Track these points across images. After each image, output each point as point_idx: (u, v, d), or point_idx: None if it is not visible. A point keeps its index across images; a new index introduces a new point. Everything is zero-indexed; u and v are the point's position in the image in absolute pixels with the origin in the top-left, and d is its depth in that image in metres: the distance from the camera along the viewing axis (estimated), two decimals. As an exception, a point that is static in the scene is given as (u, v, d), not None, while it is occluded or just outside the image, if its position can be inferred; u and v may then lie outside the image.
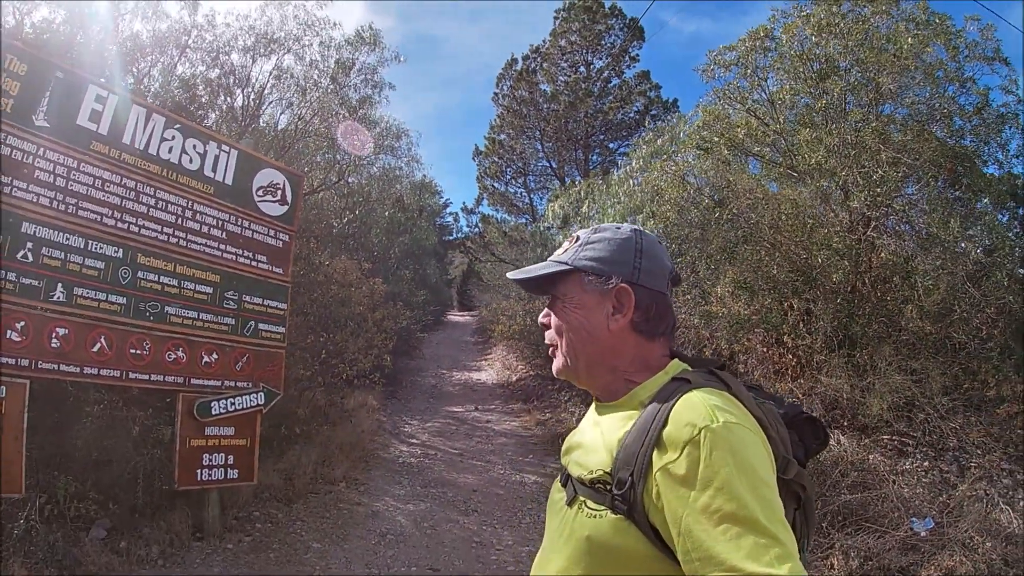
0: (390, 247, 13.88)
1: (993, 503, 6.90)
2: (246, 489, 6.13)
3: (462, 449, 9.98)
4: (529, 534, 6.92)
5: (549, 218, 13.91)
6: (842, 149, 8.24)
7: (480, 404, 13.17)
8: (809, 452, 1.33)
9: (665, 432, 1.09)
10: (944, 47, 8.18)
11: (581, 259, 1.30)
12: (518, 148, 18.86)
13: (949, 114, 8.66)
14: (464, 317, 29.90)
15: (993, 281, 8.46)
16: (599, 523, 1.13)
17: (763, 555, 0.94)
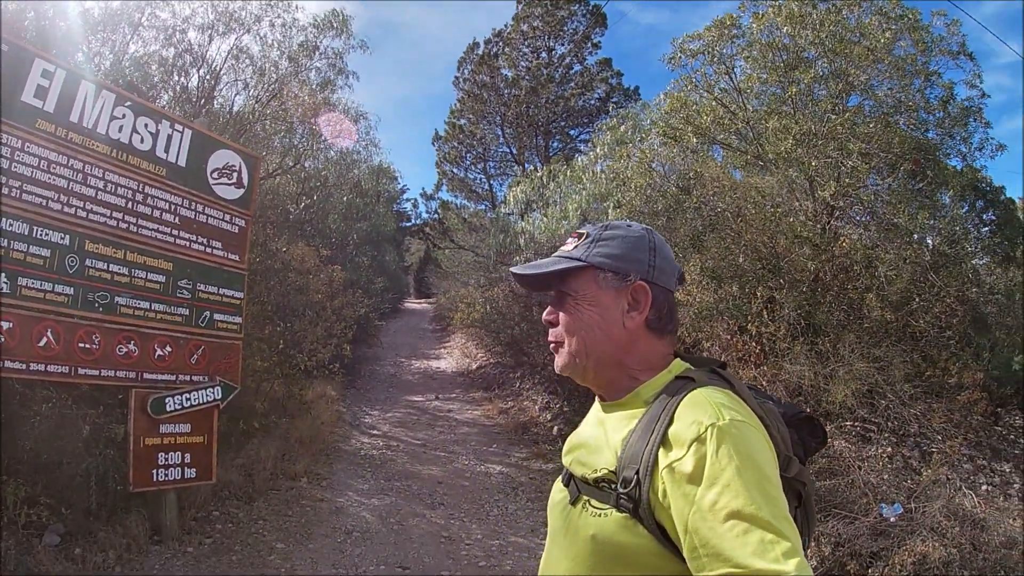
0: (348, 233, 13.53)
1: (956, 488, 7.03)
2: (204, 487, 5.82)
3: (425, 440, 9.78)
4: (498, 527, 6.80)
5: (511, 204, 13.72)
6: (810, 139, 8.25)
7: (441, 393, 12.97)
8: (808, 451, 1.33)
9: (671, 430, 1.09)
10: (913, 41, 8.23)
11: (596, 255, 1.28)
12: (478, 133, 18.57)
13: (915, 107, 8.77)
14: (421, 304, 29.54)
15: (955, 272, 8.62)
16: (604, 522, 1.13)
17: (769, 551, 0.95)
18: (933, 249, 8.69)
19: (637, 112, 13.04)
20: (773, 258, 8.49)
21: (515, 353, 13.99)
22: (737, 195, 8.81)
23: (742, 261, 8.52)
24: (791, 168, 8.34)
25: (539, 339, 12.72)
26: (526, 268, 1.36)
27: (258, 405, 7.18)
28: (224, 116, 8.86)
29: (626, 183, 9.36)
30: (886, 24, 8.12)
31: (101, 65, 7.74)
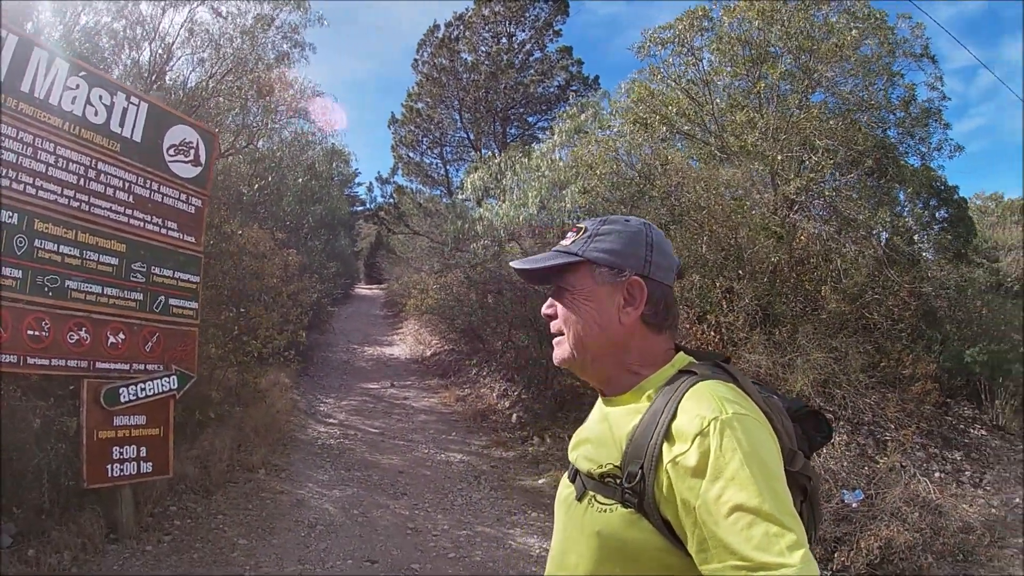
0: (303, 217, 13.15)
1: (911, 475, 7.19)
2: (160, 482, 5.53)
3: (382, 428, 9.59)
4: (464, 517, 6.68)
5: (468, 190, 13.49)
6: (775, 133, 8.30)
7: (396, 380, 12.75)
8: (813, 445, 1.33)
9: (674, 424, 1.09)
10: (879, 41, 8.34)
11: (592, 250, 1.28)
12: (436, 117, 18.18)
13: (877, 106, 8.94)
14: (372, 290, 29.13)
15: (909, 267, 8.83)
16: (609, 518, 1.14)
17: (774, 545, 0.95)
18: (888, 244, 8.85)
19: (598, 101, 12.98)
20: (735, 249, 8.53)
21: (471, 340, 13.86)
22: (700, 186, 8.81)
23: (705, 251, 8.53)
24: (756, 161, 8.37)
25: (495, 326, 12.63)
26: (525, 262, 1.36)
27: (213, 394, 6.88)
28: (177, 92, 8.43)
29: (592, 168, 9.24)
30: (853, 23, 8.24)
31: (51, 36, 7.28)
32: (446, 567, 5.46)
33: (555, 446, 9.24)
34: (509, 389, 11.52)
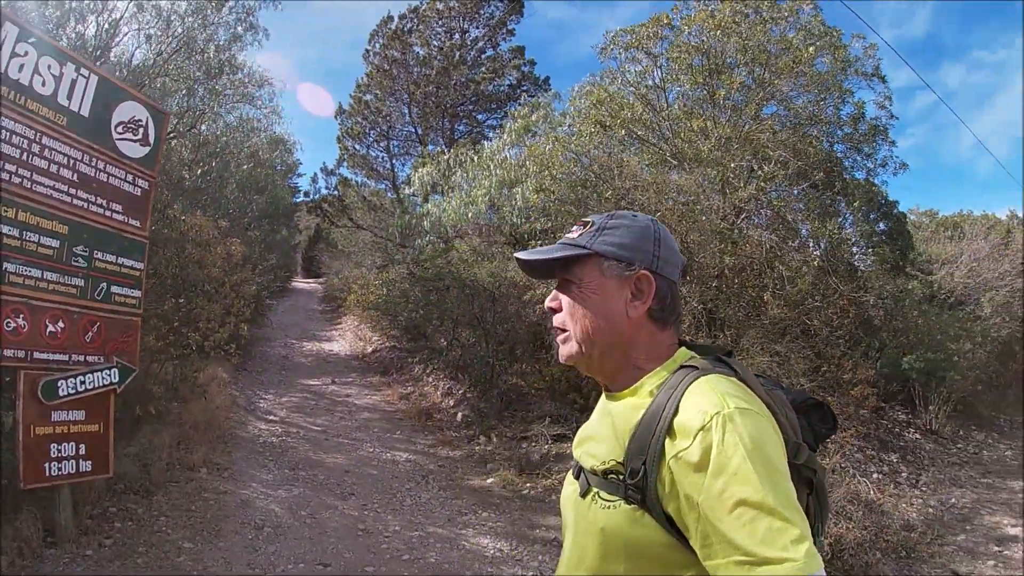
0: (247, 205, 12.65)
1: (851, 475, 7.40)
2: (99, 482, 5.19)
3: (325, 426, 9.30)
4: (415, 517, 6.52)
5: (416, 185, 13.29)
6: (728, 142, 8.40)
7: (337, 377, 12.39)
8: (818, 437, 1.34)
9: (676, 420, 1.10)
10: (833, 60, 8.53)
11: (600, 244, 1.29)
12: (384, 110, 17.74)
13: (828, 121, 9.20)
14: (310, 284, 28.47)
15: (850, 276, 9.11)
16: (613, 514, 1.14)
17: (778, 539, 0.96)
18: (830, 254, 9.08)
19: (549, 102, 12.95)
20: (686, 253, 8.59)
21: (413, 337, 13.64)
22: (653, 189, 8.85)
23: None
24: (709, 168, 8.45)
25: (440, 323, 12.44)
26: (530, 254, 1.35)
27: (154, 389, 6.52)
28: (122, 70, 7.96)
29: (549, 168, 9.17)
30: (810, 40, 8.39)
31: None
32: (401, 569, 5.30)
33: (502, 446, 9.16)
34: (454, 388, 11.37)
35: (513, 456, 8.72)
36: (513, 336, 11.36)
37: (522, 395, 10.91)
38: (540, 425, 9.62)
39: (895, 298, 10.02)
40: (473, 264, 11.74)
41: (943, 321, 10.81)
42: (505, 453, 8.90)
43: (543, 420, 9.76)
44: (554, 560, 5.95)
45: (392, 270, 15.22)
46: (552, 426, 9.50)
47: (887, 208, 11.18)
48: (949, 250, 14.26)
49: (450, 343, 11.94)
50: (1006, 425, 11.64)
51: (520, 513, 7.01)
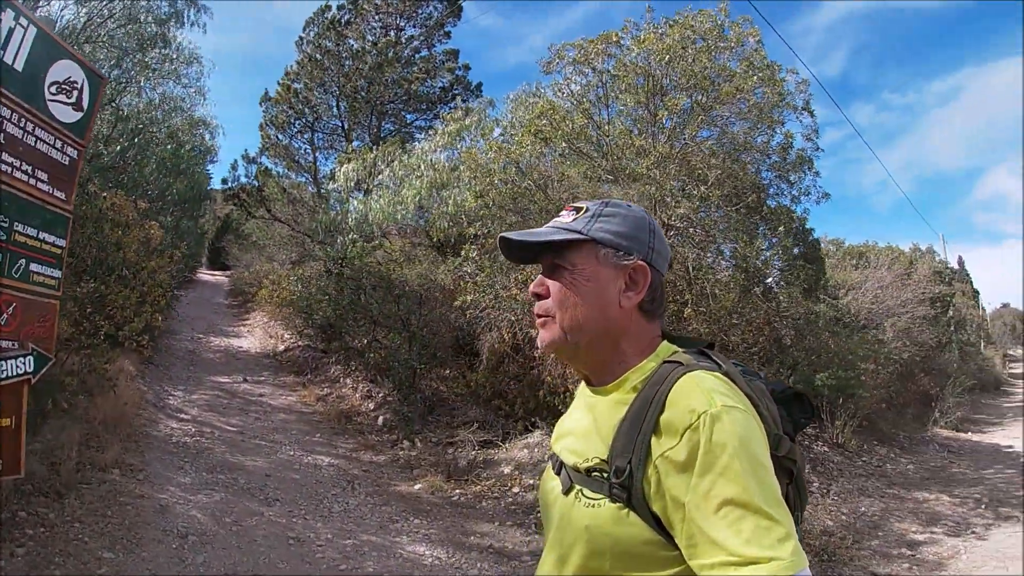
0: (166, 188, 11.84)
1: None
2: (6, 483, 4.63)
3: (240, 427, 8.78)
4: (345, 525, 6.23)
5: (340, 180, 12.87)
6: (667, 161, 8.54)
7: (248, 375, 11.76)
8: (797, 426, 1.32)
9: (663, 418, 1.09)
10: (771, 92, 8.86)
11: (597, 230, 1.26)
12: (312, 101, 17.00)
13: (759, 149, 9.59)
14: (216, 276, 27.16)
15: (768, 297, 9.48)
16: (598, 512, 1.13)
17: (764, 538, 0.96)
18: (752, 275, 9.38)
19: (483, 108, 12.84)
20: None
21: (328, 337, 13.14)
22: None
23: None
24: (647, 185, 8.54)
25: (358, 324, 12.03)
26: (522, 235, 1.30)
27: (67, 380, 5.92)
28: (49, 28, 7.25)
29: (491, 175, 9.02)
30: (752, 71, 8.65)
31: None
32: (341, 580, 5.00)
33: (427, 451, 8.94)
34: (373, 390, 11.04)
35: (439, 462, 8.50)
36: (438, 340, 11.13)
37: (445, 400, 10.70)
38: (466, 431, 9.43)
39: (807, 319, 10.41)
40: (403, 265, 11.44)
41: (853, 343, 11.34)
42: (431, 458, 8.68)
43: (469, 426, 9.59)
44: (493, 568, 5.79)
45: (308, 266, 14.67)
46: (479, 432, 9.34)
47: (803, 234, 11.64)
48: (855, 277, 15.04)
49: (370, 344, 11.55)
50: (905, 441, 12.40)
51: (452, 520, 6.82)
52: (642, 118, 9.67)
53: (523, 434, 9.09)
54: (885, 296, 14.32)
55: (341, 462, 8.17)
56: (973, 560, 6.62)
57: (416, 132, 17.43)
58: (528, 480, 7.89)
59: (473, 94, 17.13)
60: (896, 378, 13.20)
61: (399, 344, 10.74)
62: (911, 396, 14.63)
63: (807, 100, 9.63)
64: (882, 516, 8.10)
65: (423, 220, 13.27)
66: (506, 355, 9.97)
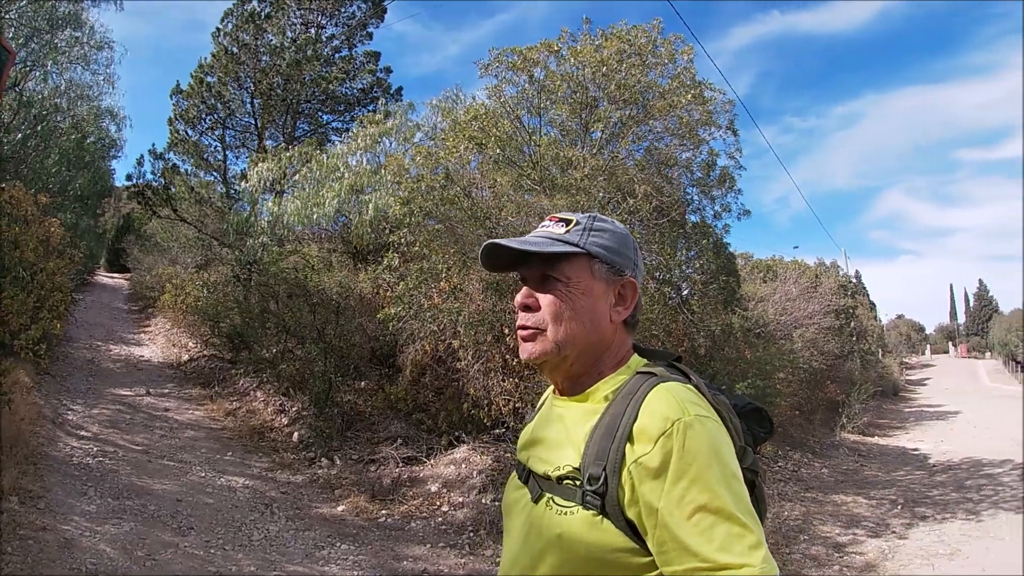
0: (69, 183, 10.89)
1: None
2: None
3: (146, 445, 8.15)
4: (268, 555, 5.84)
5: (253, 180, 12.27)
6: (597, 173, 8.56)
7: (152, 387, 10.96)
8: (757, 440, 1.36)
9: (636, 426, 1.11)
10: (700, 110, 9.05)
11: (592, 245, 1.27)
12: (225, 96, 16.14)
13: (684, 165, 9.92)
14: (115, 279, 25.53)
15: (688, 308, 9.72)
16: (571, 520, 1.13)
17: (735, 545, 0.98)
18: (674, 287, 9.57)
19: (405, 111, 12.53)
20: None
21: (237, 346, 12.50)
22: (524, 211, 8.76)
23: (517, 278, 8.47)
24: (579, 195, 8.53)
25: (268, 333, 11.50)
26: (518, 242, 1.29)
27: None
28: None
29: (420, 180, 8.78)
30: (683, 89, 8.80)
31: None
32: (272, 620, 4.65)
33: (347, 469, 8.58)
34: (287, 404, 10.50)
35: (362, 481, 8.18)
36: (356, 352, 10.74)
37: (363, 415, 10.29)
38: (388, 447, 9.11)
39: (724, 331, 10.69)
40: (322, 272, 10.99)
41: (769, 353, 11.72)
42: (352, 477, 8.34)
43: (391, 442, 9.27)
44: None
45: (215, 271, 13.95)
46: (402, 448, 9.03)
47: (719, 248, 11.96)
48: (763, 290, 15.59)
49: (283, 355, 11.02)
50: (817, 446, 13.00)
51: (381, 544, 6.53)
52: (573, 130, 9.70)
53: (448, 449, 8.86)
54: (793, 308, 14.91)
55: (256, 483, 7.70)
56: (900, 560, 6.88)
57: (332, 134, 17.06)
58: (457, 498, 7.67)
59: (393, 98, 16.72)
60: (805, 386, 13.82)
61: (315, 355, 10.31)
62: (819, 403, 15.46)
63: (731, 120, 9.91)
64: (805, 520, 8.34)
65: (338, 225, 12.86)
66: (427, 367, 9.71)
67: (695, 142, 9.74)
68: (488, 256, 1.34)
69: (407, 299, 8.56)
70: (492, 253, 1.33)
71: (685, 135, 9.46)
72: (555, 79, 9.10)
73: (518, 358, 8.26)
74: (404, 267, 8.82)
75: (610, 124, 8.90)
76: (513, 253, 1.29)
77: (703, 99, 9.13)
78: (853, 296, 24.47)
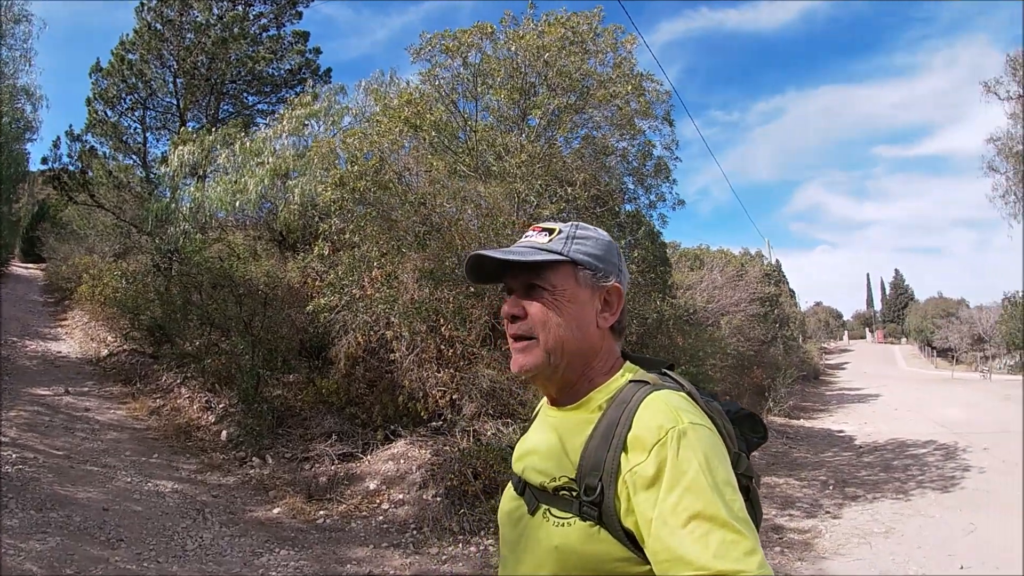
0: None
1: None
2: None
3: (67, 449, 7.76)
4: (205, 565, 5.66)
5: (174, 164, 11.73)
6: (534, 160, 8.55)
7: (71, 386, 10.39)
8: (750, 445, 1.36)
9: (631, 435, 1.11)
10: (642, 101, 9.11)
11: (577, 252, 1.28)
12: (147, 75, 15.22)
13: (621, 154, 10.02)
14: (29, 270, 24.26)
15: None
16: (568, 531, 1.13)
17: (731, 552, 0.97)
18: None
19: (335, 94, 12.21)
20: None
21: (158, 340, 12.00)
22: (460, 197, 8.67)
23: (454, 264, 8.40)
24: (518, 183, 8.48)
25: (190, 326, 11.09)
26: (498, 253, 1.28)
27: None
28: None
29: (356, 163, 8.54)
30: (624, 80, 8.85)
31: None
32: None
33: (280, 468, 8.38)
34: (213, 401, 10.15)
35: (297, 480, 8.01)
36: (285, 345, 10.44)
37: (294, 410, 10.01)
38: (323, 444, 8.93)
39: (656, 319, 10.87)
40: (248, 262, 10.63)
41: (701, 340, 11.99)
42: (286, 477, 8.14)
43: (325, 438, 9.08)
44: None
45: (134, 260, 13.36)
46: (337, 444, 8.87)
47: (652, 238, 12.15)
48: (691, 278, 15.96)
49: (207, 349, 10.63)
50: None
51: (322, 547, 6.37)
52: (510, 116, 9.63)
53: (385, 444, 8.74)
54: (720, 296, 15.31)
55: (186, 487, 7.43)
56: (837, 539, 7.15)
57: (258, 116, 16.46)
58: (398, 495, 7.56)
59: (322, 80, 16.23)
60: (733, 371, 14.24)
61: (242, 349, 9.98)
62: (746, 388, 15.96)
63: (668, 111, 10.02)
64: (739, 502, 8.58)
65: (263, 212, 12.48)
66: (360, 359, 9.51)
67: (632, 132, 9.81)
68: (473, 268, 1.34)
69: (339, 287, 8.37)
70: (477, 265, 1.33)
71: (623, 125, 9.51)
72: (492, 63, 9.00)
73: (453, 348, 8.20)
74: (334, 256, 8.61)
75: (548, 111, 8.85)
76: (498, 263, 1.30)
77: (642, 89, 9.18)
78: (776, 284, 25.31)
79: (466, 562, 6.23)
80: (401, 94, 9.23)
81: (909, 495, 8.82)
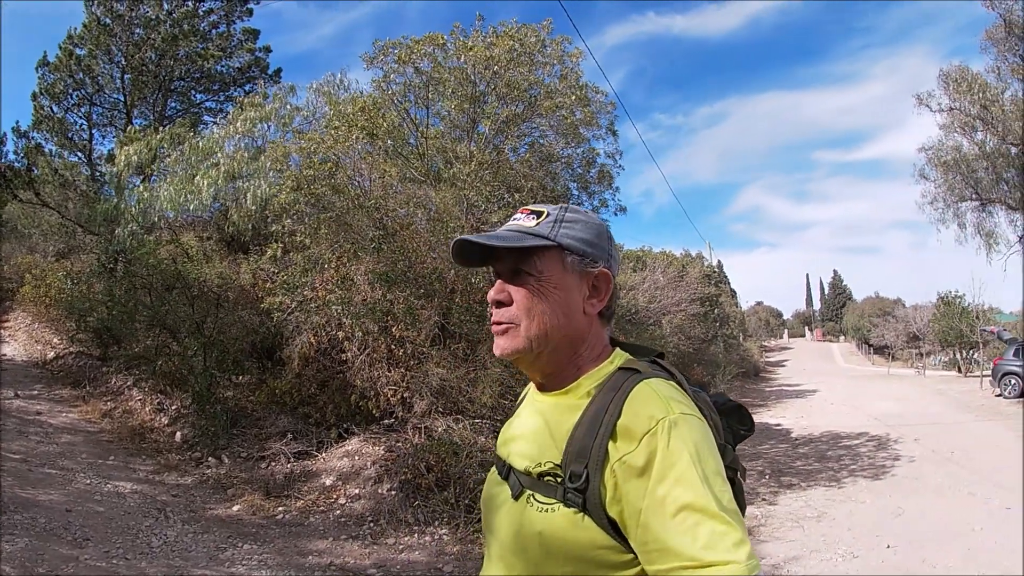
0: None
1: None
2: None
3: (23, 452, 7.78)
4: (172, 560, 5.80)
5: (121, 163, 11.64)
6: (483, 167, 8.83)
7: (19, 389, 10.33)
8: (737, 438, 1.39)
9: (620, 423, 1.10)
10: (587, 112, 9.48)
11: (564, 236, 1.24)
12: (95, 70, 14.84)
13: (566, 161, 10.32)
14: None
15: None
16: (551, 517, 1.12)
17: (720, 542, 0.97)
18: None
19: (286, 94, 12.23)
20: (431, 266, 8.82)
21: (106, 342, 11.94)
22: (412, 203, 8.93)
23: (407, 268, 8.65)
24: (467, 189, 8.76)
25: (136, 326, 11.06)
26: (487, 238, 1.24)
27: None
28: None
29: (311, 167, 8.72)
30: (570, 91, 9.20)
31: None
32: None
33: (237, 467, 8.53)
34: (165, 403, 10.20)
35: (254, 478, 8.16)
36: (237, 346, 10.53)
37: (247, 411, 10.13)
38: (278, 443, 9.10)
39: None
40: (200, 263, 10.67)
41: (643, 339, 12.44)
42: (243, 475, 8.29)
43: (280, 437, 9.24)
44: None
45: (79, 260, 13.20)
46: (292, 443, 9.04)
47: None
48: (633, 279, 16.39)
49: (157, 351, 10.64)
50: None
51: (284, 541, 6.56)
52: (461, 124, 9.88)
53: (339, 442, 8.93)
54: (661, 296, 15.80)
55: (145, 487, 7.53)
56: (773, 524, 7.62)
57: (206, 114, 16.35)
58: (354, 490, 7.77)
59: (272, 79, 16.15)
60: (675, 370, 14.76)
61: (194, 351, 10.04)
62: None
63: (611, 121, 10.45)
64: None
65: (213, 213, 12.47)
66: (311, 360, 9.69)
67: (577, 140, 10.20)
68: (459, 252, 1.31)
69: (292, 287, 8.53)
70: (462, 248, 1.29)
71: (568, 133, 9.87)
72: (443, 72, 9.23)
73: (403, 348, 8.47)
74: (287, 257, 8.76)
75: (497, 121, 9.14)
76: (483, 247, 1.26)
77: (587, 100, 9.56)
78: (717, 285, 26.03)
79: (422, 551, 6.52)
80: (355, 101, 9.39)
81: (842, 483, 9.37)
